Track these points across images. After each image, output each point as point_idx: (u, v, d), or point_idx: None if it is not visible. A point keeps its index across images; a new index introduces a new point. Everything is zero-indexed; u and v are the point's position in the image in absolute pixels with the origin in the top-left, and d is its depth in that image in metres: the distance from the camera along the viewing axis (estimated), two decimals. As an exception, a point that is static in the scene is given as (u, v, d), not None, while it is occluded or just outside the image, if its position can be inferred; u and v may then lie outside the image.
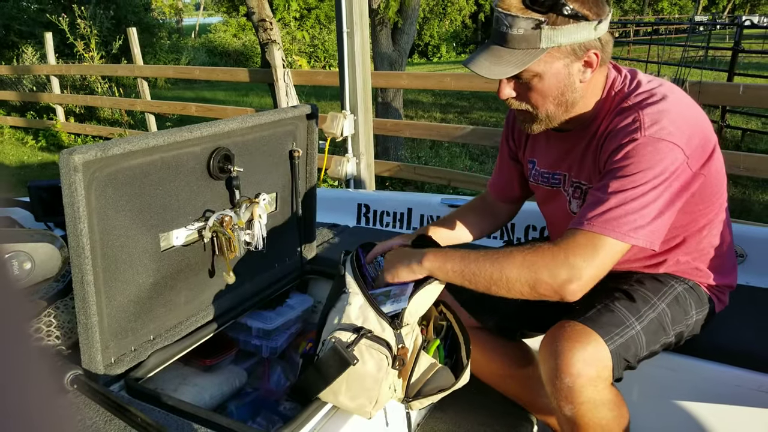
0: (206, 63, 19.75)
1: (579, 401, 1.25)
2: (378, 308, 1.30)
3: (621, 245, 1.22)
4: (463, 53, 30.05)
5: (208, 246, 1.60)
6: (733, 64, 7.65)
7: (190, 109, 7.07)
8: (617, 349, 1.28)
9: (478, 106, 11.59)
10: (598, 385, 1.25)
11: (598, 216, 1.22)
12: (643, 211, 1.21)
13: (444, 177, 5.09)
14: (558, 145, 1.51)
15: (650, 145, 1.23)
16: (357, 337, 1.26)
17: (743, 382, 1.53)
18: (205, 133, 1.48)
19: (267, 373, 1.85)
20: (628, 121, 1.29)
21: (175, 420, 1.25)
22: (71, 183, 1.19)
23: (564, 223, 1.50)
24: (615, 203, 1.22)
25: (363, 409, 1.30)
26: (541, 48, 1.25)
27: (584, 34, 1.25)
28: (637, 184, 1.22)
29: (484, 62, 1.31)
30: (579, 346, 1.25)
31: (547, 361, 1.30)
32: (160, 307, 1.51)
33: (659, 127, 1.24)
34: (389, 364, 1.28)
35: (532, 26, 1.23)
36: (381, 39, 6.38)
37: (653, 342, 1.37)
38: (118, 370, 1.38)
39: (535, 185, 1.63)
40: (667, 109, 1.27)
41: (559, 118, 1.39)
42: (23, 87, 10.74)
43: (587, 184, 1.45)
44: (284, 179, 1.85)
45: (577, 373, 1.24)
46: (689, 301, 1.46)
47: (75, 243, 1.22)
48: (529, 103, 1.37)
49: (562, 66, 1.29)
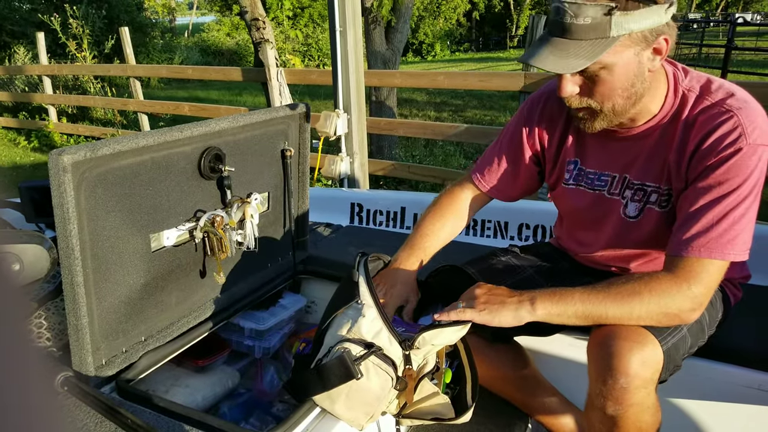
0: (199, 62, 19.71)
1: (629, 402, 1.22)
2: (391, 326, 1.27)
3: (730, 261, 1.23)
4: (458, 51, 30.07)
5: (200, 246, 1.59)
6: (726, 62, 7.69)
7: (183, 109, 7.05)
8: (669, 351, 1.26)
9: (473, 105, 11.61)
10: (649, 387, 1.23)
11: (711, 242, 1.21)
12: (748, 226, 1.21)
13: (438, 176, 5.09)
14: (613, 144, 1.40)
15: (754, 153, 1.20)
16: (366, 353, 1.23)
17: (740, 379, 1.53)
18: (196, 133, 1.46)
19: (260, 374, 1.85)
20: (728, 127, 1.22)
21: (167, 421, 1.24)
22: (60, 183, 1.18)
23: (615, 229, 1.46)
24: (726, 226, 1.20)
25: (357, 421, 1.28)
26: (611, 37, 1.16)
27: (655, 18, 1.17)
28: (742, 198, 1.20)
29: (549, 56, 1.20)
30: (637, 347, 1.21)
31: (599, 360, 1.25)
32: (152, 308, 1.50)
33: (760, 131, 1.21)
34: (393, 384, 1.26)
35: (602, 13, 1.14)
36: (374, 37, 6.37)
37: (694, 344, 1.36)
38: (109, 372, 1.37)
39: (574, 188, 1.51)
40: (755, 107, 1.23)
41: (625, 112, 1.30)
42: (15, 87, 10.69)
43: (654, 185, 1.37)
44: (276, 179, 1.84)
45: (634, 374, 1.20)
46: (718, 302, 1.46)
47: (65, 244, 1.21)
48: (593, 99, 1.27)
49: (633, 54, 1.20)
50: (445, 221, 1.62)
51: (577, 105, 1.30)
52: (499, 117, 9.95)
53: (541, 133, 1.55)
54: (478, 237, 2.39)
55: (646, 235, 1.41)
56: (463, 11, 28.01)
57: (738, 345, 1.57)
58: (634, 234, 1.43)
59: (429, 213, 1.65)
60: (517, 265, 1.69)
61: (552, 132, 1.53)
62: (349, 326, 1.28)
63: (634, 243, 1.45)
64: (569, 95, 1.28)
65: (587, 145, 1.48)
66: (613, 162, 1.44)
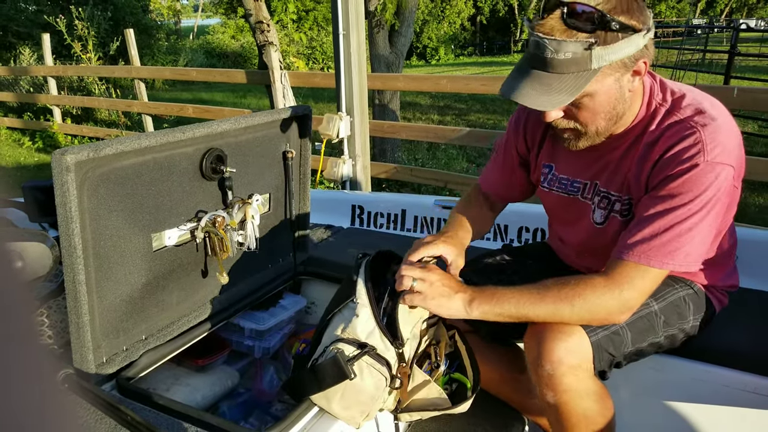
0: (204, 64, 19.76)
1: (560, 389, 1.27)
2: (383, 327, 1.29)
3: (665, 272, 1.27)
4: (462, 55, 30.10)
5: (201, 246, 1.60)
6: (729, 67, 7.69)
7: (187, 111, 7.08)
8: (599, 341, 1.30)
9: (476, 109, 11.62)
10: (578, 374, 1.27)
11: (652, 250, 1.24)
12: (694, 240, 1.24)
13: (441, 179, 5.10)
14: (584, 153, 1.43)
15: (711, 171, 1.22)
16: (360, 353, 1.26)
17: (731, 382, 1.54)
18: (198, 134, 1.48)
19: (259, 374, 1.86)
20: (688, 142, 1.24)
21: (167, 419, 1.25)
22: (63, 183, 1.20)
23: (584, 232, 1.51)
24: (670, 237, 1.23)
25: (353, 419, 1.30)
26: (592, 69, 1.18)
27: (634, 46, 1.19)
28: (692, 212, 1.22)
29: (531, 92, 1.21)
30: (561, 336, 1.27)
31: (531, 350, 1.32)
32: (153, 307, 1.51)
33: (721, 149, 1.22)
34: (387, 383, 1.29)
35: (583, 48, 1.16)
36: (378, 41, 6.39)
37: (640, 340, 1.38)
38: (110, 370, 1.39)
39: (548, 191, 1.57)
40: (721, 125, 1.25)
41: (608, 131, 1.34)
42: (20, 88, 10.74)
43: (617, 194, 1.41)
44: (278, 180, 1.86)
45: (558, 360, 1.26)
46: (689, 306, 1.47)
47: (67, 243, 1.23)
48: (578, 122, 1.31)
49: (614, 81, 1.23)
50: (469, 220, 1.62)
51: (563, 126, 1.33)
52: (502, 121, 9.96)
53: (526, 137, 1.61)
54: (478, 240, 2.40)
55: (610, 241, 1.43)
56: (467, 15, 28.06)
57: (732, 348, 1.58)
58: (601, 239, 1.48)
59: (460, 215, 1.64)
60: (507, 264, 1.73)
61: (534, 136, 1.59)
62: (344, 326, 1.31)
63: (601, 247, 1.48)
64: (552, 120, 1.32)
65: (560, 152, 1.53)
66: (584, 170, 1.48)
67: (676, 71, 9.03)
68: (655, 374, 1.62)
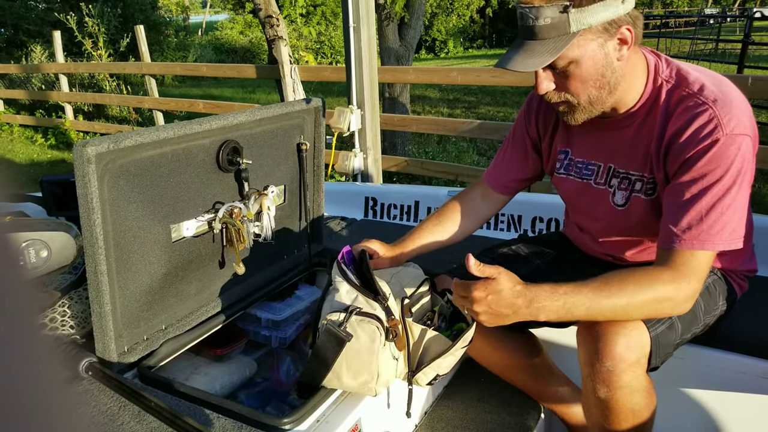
0: (213, 60, 19.82)
1: (617, 385, 1.26)
2: (364, 291, 1.37)
3: (715, 251, 1.26)
4: (471, 48, 29.99)
5: (218, 237, 1.62)
6: (742, 57, 7.61)
7: (197, 106, 7.11)
8: (658, 337, 1.29)
9: (486, 101, 11.58)
10: (636, 370, 1.26)
11: (705, 232, 1.24)
12: (735, 215, 1.25)
13: (451, 172, 5.10)
14: (597, 133, 1.47)
15: (732, 143, 1.23)
16: (347, 314, 1.32)
17: (748, 369, 1.55)
18: (214, 126, 1.50)
19: (276, 364, 1.88)
20: (703, 119, 1.26)
21: (188, 406, 1.27)
22: (85, 174, 1.21)
23: (605, 216, 1.51)
24: (714, 217, 1.23)
25: (367, 385, 1.33)
26: (571, 32, 1.23)
27: (612, 10, 1.23)
28: (727, 188, 1.23)
29: (517, 58, 1.28)
30: (622, 331, 1.25)
31: (586, 344, 1.30)
32: (172, 297, 1.54)
33: (737, 121, 1.24)
34: (382, 335, 1.33)
35: (559, 11, 1.22)
36: (388, 34, 6.39)
37: (686, 331, 1.39)
38: (131, 359, 1.41)
39: (564, 177, 1.58)
40: (733, 98, 1.27)
41: (602, 102, 1.35)
42: (32, 86, 10.82)
43: (638, 173, 1.42)
44: (292, 172, 1.87)
45: (619, 356, 1.24)
46: (719, 291, 1.48)
47: (89, 233, 1.25)
48: (569, 92, 1.33)
49: (597, 46, 1.27)
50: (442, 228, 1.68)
51: (557, 100, 1.36)
52: (512, 113, 9.94)
53: (538, 124, 1.63)
54: (492, 230, 2.41)
55: (635, 223, 1.44)
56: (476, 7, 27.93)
57: (751, 336, 1.58)
58: (624, 222, 1.48)
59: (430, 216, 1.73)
60: (525, 255, 1.73)
61: (547, 123, 1.61)
62: (330, 306, 1.38)
63: (625, 231, 1.49)
64: (545, 91, 1.34)
65: (575, 135, 1.54)
66: (598, 151, 1.49)
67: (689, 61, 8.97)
68: (674, 362, 1.63)
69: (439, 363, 1.37)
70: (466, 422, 1.64)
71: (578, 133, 1.52)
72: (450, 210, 1.71)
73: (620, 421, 1.31)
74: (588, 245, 1.65)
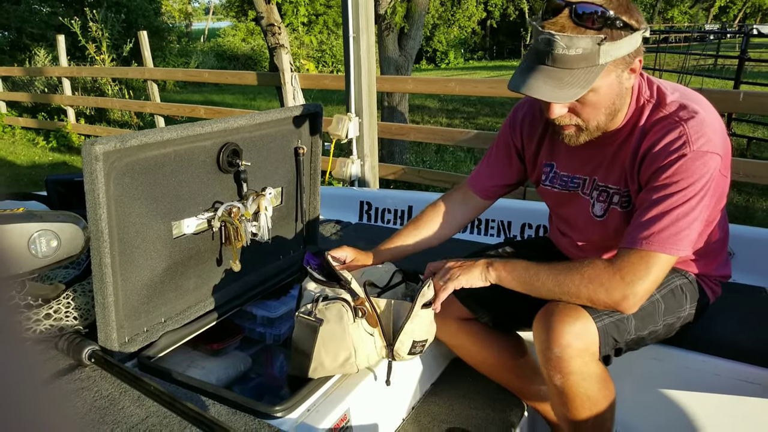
0: (215, 66, 19.94)
1: (567, 371, 1.34)
2: (327, 282, 1.46)
3: (673, 258, 1.32)
4: (472, 59, 30.15)
5: (217, 235, 1.69)
6: (739, 73, 7.68)
7: (198, 112, 7.18)
8: (605, 327, 1.37)
9: (485, 112, 11.68)
10: (585, 357, 1.35)
11: (653, 236, 1.31)
12: (692, 225, 1.31)
13: (448, 180, 5.17)
14: (581, 150, 1.51)
15: (698, 159, 1.30)
16: (314, 303, 1.41)
17: (724, 371, 1.61)
18: (216, 129, 1.57)
19: (270, 360, 1.94)
20: (673, 136, 1.33)
21: (185, 393, 1.33)
22: (92, 171, 1.29)
23: (585, 225, 1.60)
24: (668, 222, 1.30)
25: (348, 362, 1.42)
26: (600, 64, 1.26)
27: (634, 42, 1.28)
28: (687, 198, 1.30)
29: (544, 87, 1.28)
30: (569, 320, 1.34)
31: (539, 334, 1.38)
32: (171, 292, 1.60)
33: (705, 139, 1.31)
34: (349, 311, 1.41)
35: (593, 44, 1.23)
36: (387, 44, 6.48)
37: (641, 327, 1.45)
38: (132, 349, 1.48)
39: (549, 189, 1.65)
40: (705, 119, 1.33)
41: (605, 127, 1.41)
42: (35, 89, 10.91)
43: (616, 187, 1.49)
44: (290, 175, 1.95)
45: (566, 344, 1.33)
46: (685, 294, 1.54)
47: (95, 227, 1.32)
48: (581, 117, 1.38)
49: (615, 77, 1.31)
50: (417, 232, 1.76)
51: (566, 122, 1.40)
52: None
53: (523, 135, 1.69)
54: (482, 236, 2.48)
55: (611, 233, 1.53)
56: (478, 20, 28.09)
57: (726, 339, 1.65)
58: (602, 231, 1.56)
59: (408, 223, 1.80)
60: (509, 256, 1.79)
61: (532, 135, 1.67)
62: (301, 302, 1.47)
63: (602, 239, 1.58)
64: (557, 116, 1.38)
65: (561, 150, 1.61)
66: (583, 166, 1.56)
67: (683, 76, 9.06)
68: (651, 363, 1.69)
69: (411, 329, 1.43)
70: (451, 417, 1.71)
71: (564, 149, 1.59)
72: (428, 214, 1.78)
73: (577, 407, 1.40)
74: (569, 250, 1.73)
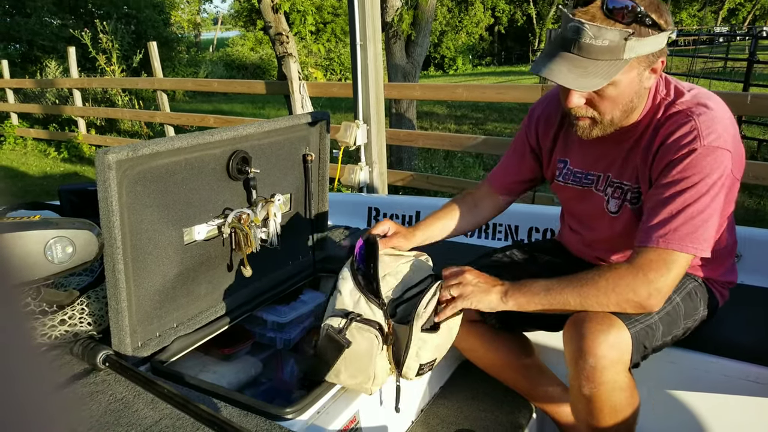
0: (224, 76, 20.08)
1: (599, 381, 1.33)
2: (366, 293, 1.42)
3: (690, 257, 1.32)
4: (480, 65, 30.18)
5: (227, 241, 1.72)
6: (748, 75, 7.66)
7: (208, 121, 7.25)
8: (637, 335, 1.36)
9: (493, 118, 11.68)
10: (618, 367, 1.33)
11: (669, 233, 1.31)
12: (707, 223, 1.31)
13: (457, 186, 5.18)
14: (596, 146, 1.52)
15: (709, 154, 1.30)
16: (347, 321, 1.38)
17: (733, 372, 1.62)
18: (225, 137, 1.60)
19: (281, 365, 1.96)
20: (685, 130, 1.33)
21: (197, 395, 1.36)
22: (105, 179, 1.32)
23: (598, 222, 1.61)
24: (683, 220, 1.30)
25: (363, 386, 1.41)
26: (624, 59, 1.27)
27: (660, 42, 1.29)
28: (700, 195, 1.30)
29: (568, 73, 1.29)
30: (604, 329, 1.32)
31: (571, 343, 1.37)
32: (183, 297, 1.63)
33: (716, 135, 1.31)
34: (380, 342, 1.39)
35: (621, 38, 1.24)
36: (395, 51, 6.52)
37: (667, 333, 1.46)
38: (145, 353, 1.51)
39: (563, 185, 1.66)
40: (716, 115, 1.34)
41: (620, 123, 1.42)
42: (46, 100, 11.04)
43: (629, 184, 1.49)
44: (298, 181, 1.97)
45: (601, 354, 1.31)
46: (699, 298, 1.55)
47: (108, 234, 1.35)
48: (597, 110, 1.38)
49: (636, 74, 1.32)
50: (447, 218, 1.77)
51: (582, 114, 1.41)
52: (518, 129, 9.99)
53: (538, 132, 1.71)
54: (490, 239, 2.49)
55: (625, 230, 1.53)
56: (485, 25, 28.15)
57: (734, 340, 1.65)
58: (616, 228, 1.56)
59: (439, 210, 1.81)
60: (519, 261, 1.81)
61: (547, 132, 1.69)
62: (334, 304, 1.44)
63: (616, 236, 1.58)
64: (574, 106, 1.39)
65: (574, 146, 1.63)
66: (596, 163, 1.57)
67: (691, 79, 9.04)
68: (661, 365, 1.70)
69: (416, 353, 1.42)
70: (460, 419, 1.72)
71: (578, 145, 1.60)
72: (456, 204, 1.79)
73: (604, 417, 1.38)
74: (580, 248, 1.74)
